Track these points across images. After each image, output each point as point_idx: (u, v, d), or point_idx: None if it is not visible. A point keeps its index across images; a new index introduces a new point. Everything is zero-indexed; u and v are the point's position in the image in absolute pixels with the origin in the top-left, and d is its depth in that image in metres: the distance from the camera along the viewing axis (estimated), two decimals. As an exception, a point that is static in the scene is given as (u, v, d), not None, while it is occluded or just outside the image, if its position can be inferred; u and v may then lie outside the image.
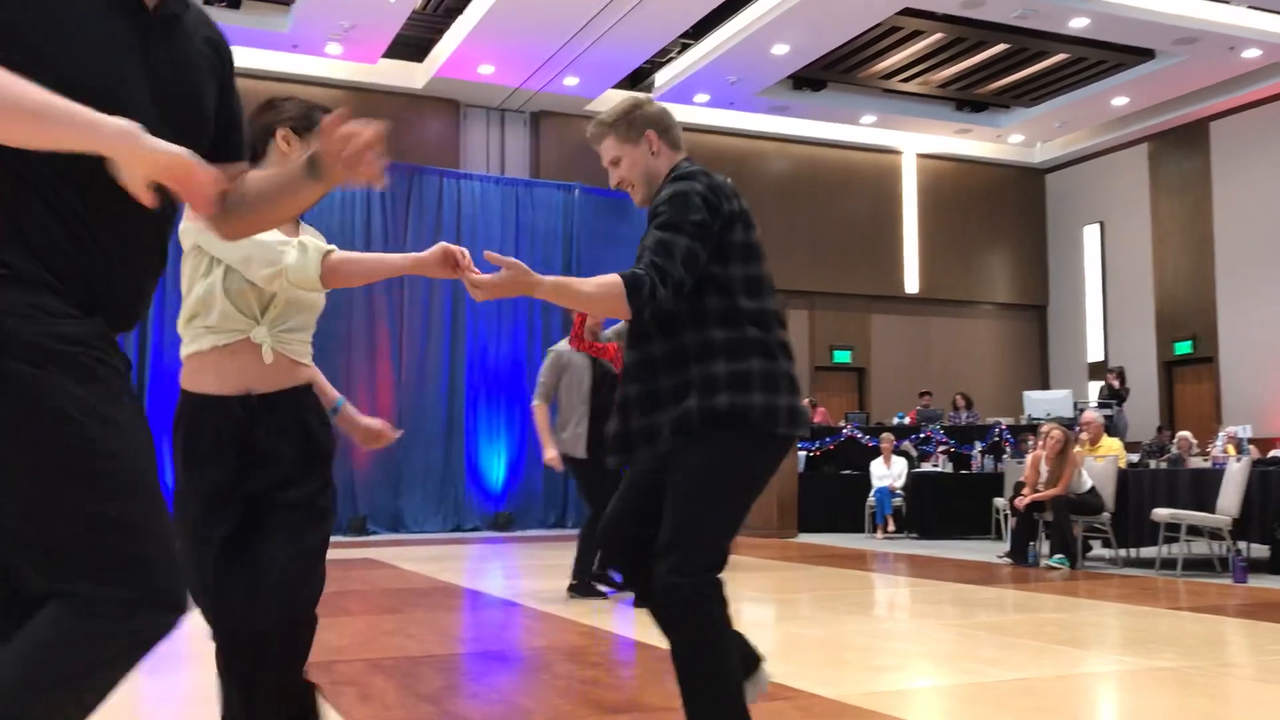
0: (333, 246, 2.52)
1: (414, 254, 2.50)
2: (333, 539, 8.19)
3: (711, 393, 2.55)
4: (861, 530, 12.55)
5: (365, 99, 14.48)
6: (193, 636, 2.35)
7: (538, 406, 6.70)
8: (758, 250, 2.71)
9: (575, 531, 14.23)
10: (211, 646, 2.34)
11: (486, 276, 2.43)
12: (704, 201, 2.61)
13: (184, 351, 2.46)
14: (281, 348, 2.45)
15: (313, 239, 2.55)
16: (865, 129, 17.17)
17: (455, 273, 2.44)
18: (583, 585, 6.62)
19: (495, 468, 14.22)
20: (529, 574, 8.53)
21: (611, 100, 15.52)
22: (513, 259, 2.41)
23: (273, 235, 2.42)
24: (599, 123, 2.83)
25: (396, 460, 13.25)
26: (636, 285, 2.49)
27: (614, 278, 2.52)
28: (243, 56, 12.14)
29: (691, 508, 2.56)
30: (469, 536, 13.06)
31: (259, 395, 2.40)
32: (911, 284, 17.83)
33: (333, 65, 14.04)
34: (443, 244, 2.46)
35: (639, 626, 5.47)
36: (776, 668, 4.33)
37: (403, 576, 8.08)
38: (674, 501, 2.57)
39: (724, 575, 2.58)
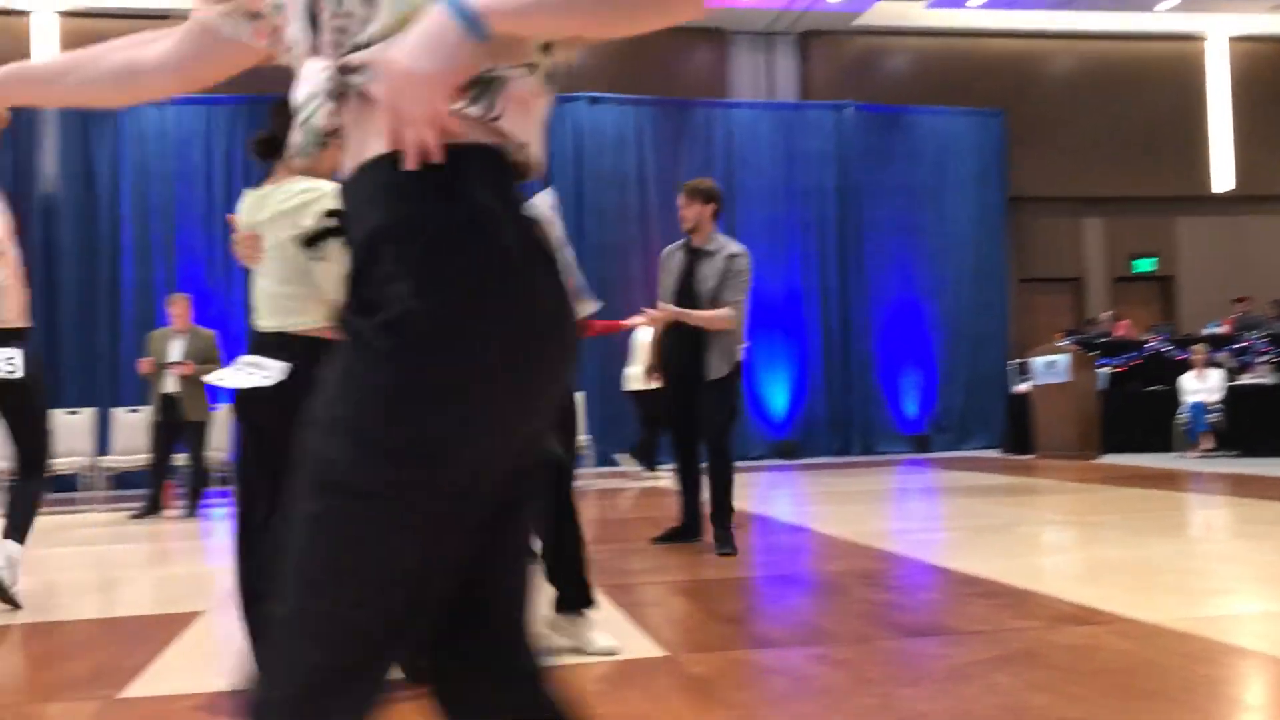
0: None
1: None
2: (622, 469, 8.85)
3: None
4: (1171, 449, 11.74)
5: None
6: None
7: None
8: None
9: (861, 458, 14.11)
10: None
11: None
12: None
13: None
14: None
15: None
16: (1163, 15, 15.71)
17: None
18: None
19: (778, 396, 14.28)
20: (817, 500, 8.54)
21: (882, 14, 14.96)
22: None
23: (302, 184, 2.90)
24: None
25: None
26: None
27: None
28: None
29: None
30: (754, 464, 13.21)
31: None
32: (1222, 182, 16.29)
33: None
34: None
35: (936, 551, 5.38)
36: (1084, 591, 4.15)
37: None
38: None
39: None
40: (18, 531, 4.48)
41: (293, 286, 2.88)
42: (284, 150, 2.99)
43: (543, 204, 3.11)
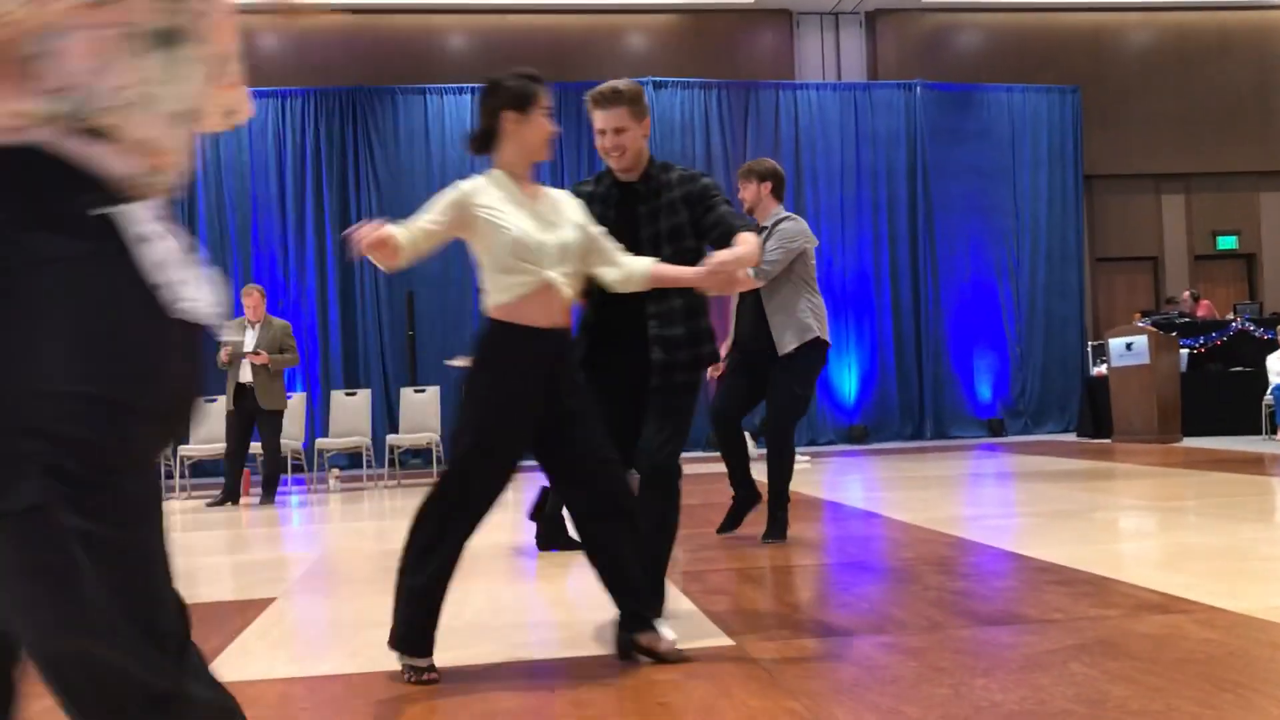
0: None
1: None
2: (695, 454, 8.44)
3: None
4: (1257, 432, 11.41)
5: (698, 19, 14.58)
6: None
7: None
8: None
9: (933, 442, 13.91)
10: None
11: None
12: None
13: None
14: None
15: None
16: (1245, -16, 15.23)
17: None
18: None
19: (848, 380, 14.14)
20: (888, 486, 8.45)
21: (950, -11, 14.68)
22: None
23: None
24: (615, 91, 3.32)
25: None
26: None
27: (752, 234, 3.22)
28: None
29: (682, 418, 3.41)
30: (824, 450, 13.11)
31: None
32: (1309, 155, 15.75)
33: (664, -10, 14.21)
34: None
35: (1011, 537, 5.28)
36: (1166, 578, 4.04)
37: (760, 489, 8.22)
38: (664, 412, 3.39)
39: None
40: None
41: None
42: (495, 143, 3.05)
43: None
